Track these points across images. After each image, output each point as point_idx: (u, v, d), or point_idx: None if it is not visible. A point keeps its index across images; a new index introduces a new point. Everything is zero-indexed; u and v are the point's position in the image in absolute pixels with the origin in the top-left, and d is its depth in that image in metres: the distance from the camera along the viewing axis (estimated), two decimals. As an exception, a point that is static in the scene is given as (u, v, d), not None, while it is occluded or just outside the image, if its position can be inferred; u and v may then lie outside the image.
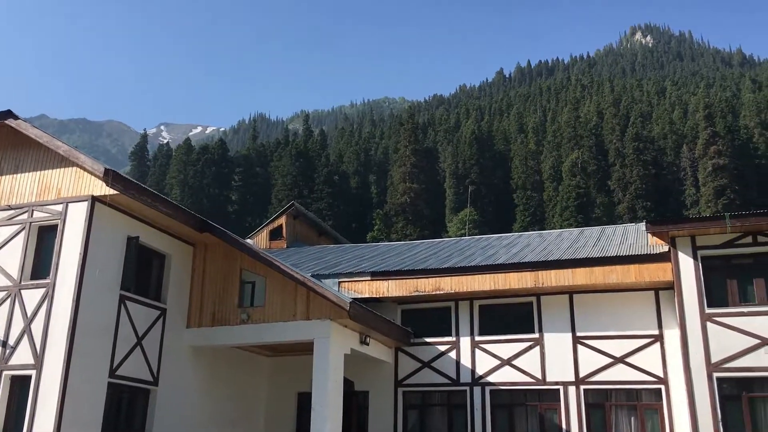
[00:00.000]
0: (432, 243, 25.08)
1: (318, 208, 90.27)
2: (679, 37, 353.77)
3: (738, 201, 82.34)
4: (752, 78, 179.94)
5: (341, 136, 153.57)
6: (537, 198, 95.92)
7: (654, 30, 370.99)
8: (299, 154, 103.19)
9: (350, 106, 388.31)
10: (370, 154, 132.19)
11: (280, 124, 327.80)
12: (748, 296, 14.95)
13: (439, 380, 17.80)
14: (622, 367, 16.33)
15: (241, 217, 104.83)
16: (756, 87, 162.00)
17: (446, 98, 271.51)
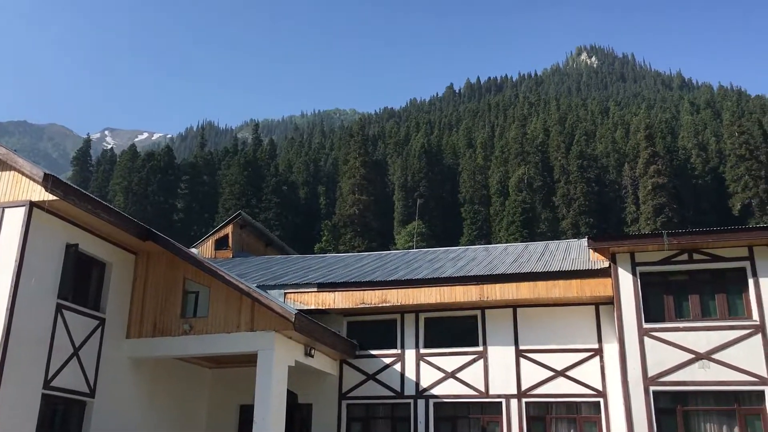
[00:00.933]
0: (379, 255, 25.13)
1: (266, 218, 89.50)
2: (622, 59, 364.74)
3: (675, 219, 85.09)
4: (691, 101, 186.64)
5: (291, 146, 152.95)
6: (484, 212, 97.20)
7: (599, 51, 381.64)
8: (248, 163, 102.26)
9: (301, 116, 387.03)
10: (320, 165, 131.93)
11: (229, 132, 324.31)
12: (684, 312, 15.42)
13: (384, 393, 17.78)
14: (562, 380, 16.61)
15: (186, 225, 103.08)
16: (694, 109, 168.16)
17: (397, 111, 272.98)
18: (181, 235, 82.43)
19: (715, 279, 15.48)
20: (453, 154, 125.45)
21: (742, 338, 14.61)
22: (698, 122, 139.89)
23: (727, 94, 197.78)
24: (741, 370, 14.38)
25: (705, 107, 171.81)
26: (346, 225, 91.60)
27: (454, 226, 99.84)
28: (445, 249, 25.04)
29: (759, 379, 14.22)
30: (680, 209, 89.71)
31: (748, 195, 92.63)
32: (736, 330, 14.73)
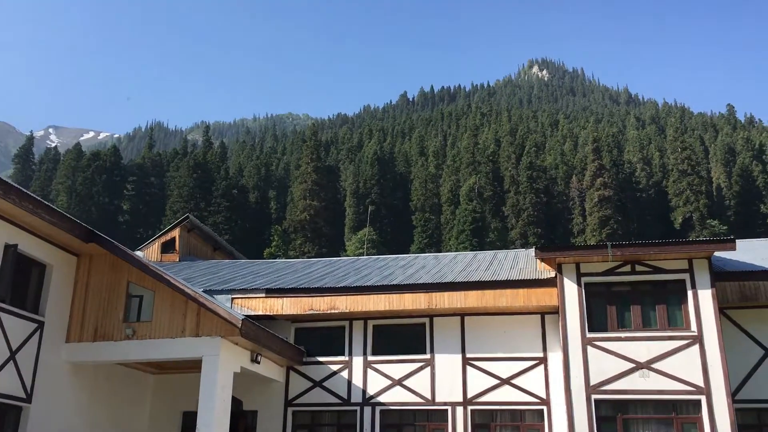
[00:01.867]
0: (329, 261, 25.02)
1: (214, 222, 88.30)
2: (572, 73, 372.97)
3: (620, 231, 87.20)
4: (637, 116, 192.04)
5: (242, 150, 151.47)
6: (435, 220, 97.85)
7: (550, 65, 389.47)
8: (197, 165, 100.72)
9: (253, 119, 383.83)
10: (271, 170, 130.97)
11: (179, 133, 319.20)
12: (626, 322, 15.78)
13: (330, 400, 17.68)
14: (508, 388, 16.80)
15: (132, 228, 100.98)
16: (640, 124, 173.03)
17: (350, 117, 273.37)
18: (127, 238, 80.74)
19: (656, 290, 15.89)
20: (405, 162, 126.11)
21: (681, 348, 15.02)
22: (643, 137, 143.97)
23: (671, 111, 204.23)
24: (679, 379, 14.78)
25: (650, 123, 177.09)
26: (297, 230, 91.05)
27: (404, 233, 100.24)
28: (395, 256, 25.10)
29: (696, 389, 14.64)
30: (625, 221, 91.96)
31: (689, 209, 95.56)
32: (675, 340, 15.13)
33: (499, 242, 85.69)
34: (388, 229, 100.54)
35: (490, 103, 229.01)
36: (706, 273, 15.42)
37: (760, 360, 15.83)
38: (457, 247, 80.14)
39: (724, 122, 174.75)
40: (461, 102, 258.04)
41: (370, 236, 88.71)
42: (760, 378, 15.68)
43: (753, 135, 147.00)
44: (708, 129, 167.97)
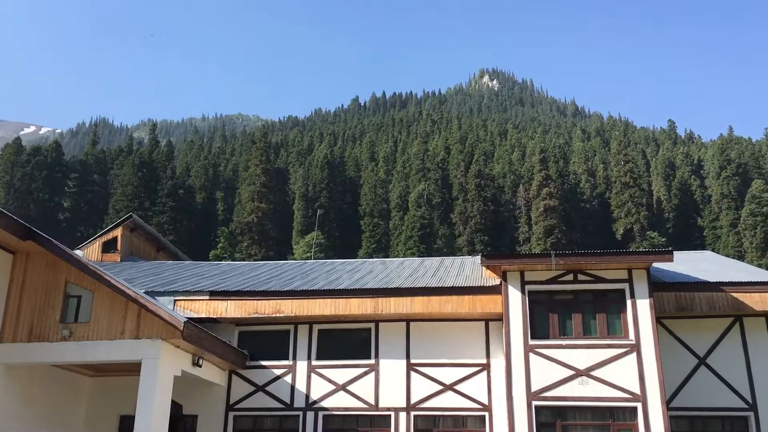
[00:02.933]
0: (276, 265, 24.79)
1: (159, 222, 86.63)
2: (521, 84, 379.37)
3: (564, 240, 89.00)
4: (582, 128, 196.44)
5: (190, 149, 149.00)
6: (383, 226, 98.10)
7: (500, 75, 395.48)
8: (143, 164, 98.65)
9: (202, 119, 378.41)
10: (219, 170, 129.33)
11: (125, 130, 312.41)
12: (567, 330, 16.08)
13: (273, 405, 17.49)
14: (451, 394, 16.91)
15: (72, 226, 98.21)
16: (585, 137, 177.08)
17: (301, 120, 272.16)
18: (67, 236, 78.47)
19: (597, 299, 16.24)
20: (355, 167, 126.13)
21: (619, 356, 15.38)
22: (588, 149, 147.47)
23: (616, 124, 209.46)
24: (617, 387, 15.13)
25: (595, 135, 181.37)
26: (244, 232, 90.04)
27: (353, 238, 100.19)
28: (342, 261, 25.04)
29: (633, 396, 15.01)
30: (569, 231, 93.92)
31: (631, 220, 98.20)
32: (613, 348, 15.49)
33: (446, 249, 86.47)
34: (336, 234, 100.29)
35: (441, 111, 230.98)
36: (644, 283, 15.83)
37: (694, 369, 16.35)
38: (405, 252, 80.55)
39: (665, 137, 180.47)
40: (412, 109, 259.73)
41: (318, 240, 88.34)
42: (693, 386, 16.18)
43: (692, 150, 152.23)
44: (650, 143, 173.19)
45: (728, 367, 16.25)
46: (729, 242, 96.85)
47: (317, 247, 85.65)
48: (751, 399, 15.94)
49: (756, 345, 16.39)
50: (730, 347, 16.43)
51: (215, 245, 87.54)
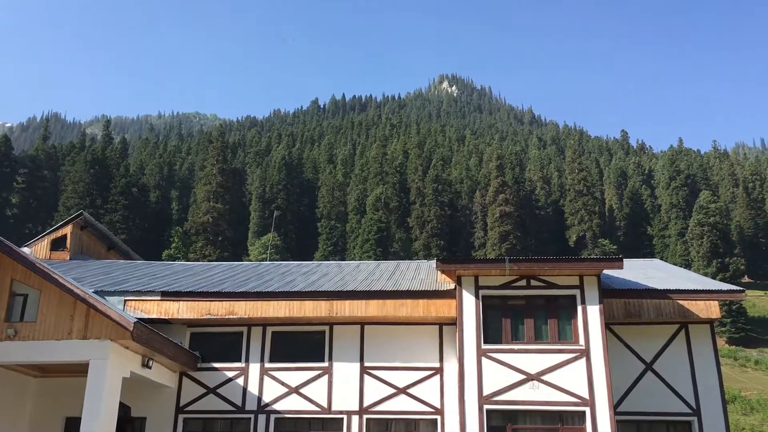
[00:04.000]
0: (230, 266, 24.52)
1: (111, 220, 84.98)
2: (480, 90, 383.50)
3: (519, 246, 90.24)
4: (539, 136, 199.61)
5: (144, 147, 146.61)
6: (340, 228, 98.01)
7: (459, 81, 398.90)
8: (95, 160, 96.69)
9: (158, 116, 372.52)
10: (174, 169, 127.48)
11: (77, 126, 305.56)
12: (519, 335, 16.27)
13: (224, 407, 17.27)
14: (404, 397, 16.95)
15: (20, 223, 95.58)
16: (541, 144, 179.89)
17: (260, 120, 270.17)
18: (14, 233, 76.36)
19: (549, 305, 16.47)
20: (313, 169, 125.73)
21: (569, 361, 15.63)
22: (544, 157, 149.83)
23: (571, 133, 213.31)
24: (566, 391, 15.38)
25: (551, 143, 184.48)
26: (199, 233, 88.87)
27: (309, 240, 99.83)
28: (298, 263, 24.89)
29: (581, 401, 15.27)
30: (524, 237, 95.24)
31: (583, 228, 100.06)
32: (564, 353, 15.73)
33: (403, 252, 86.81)
34: (292, 235, 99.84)
35: (400, 115, 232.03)
36: (595, 290, 16.13)
37: (641, 374, 16.71)
38: (362, 255, 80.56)
39: (618, 147, 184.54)
40: (372, 112, 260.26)
41: (274, 242, 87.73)
42: (640, 391, 16.54)
43: (644, 160, 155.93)
44: (603, 152, 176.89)
45: (673, 372, 16.67)
46: (677, 251, 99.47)
47: (273, 249, 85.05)
48: (694, 404, 16.38)
49: (700, 352, 16.84)
50: (676, 353, 16.85)
51: (168, 245, 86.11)
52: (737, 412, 49.81)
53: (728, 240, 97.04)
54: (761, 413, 51.07)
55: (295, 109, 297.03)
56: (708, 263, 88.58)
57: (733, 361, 67.67)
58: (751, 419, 49.61)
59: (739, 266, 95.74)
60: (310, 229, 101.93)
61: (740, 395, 54.49)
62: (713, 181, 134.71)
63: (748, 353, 73.06)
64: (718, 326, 72.32)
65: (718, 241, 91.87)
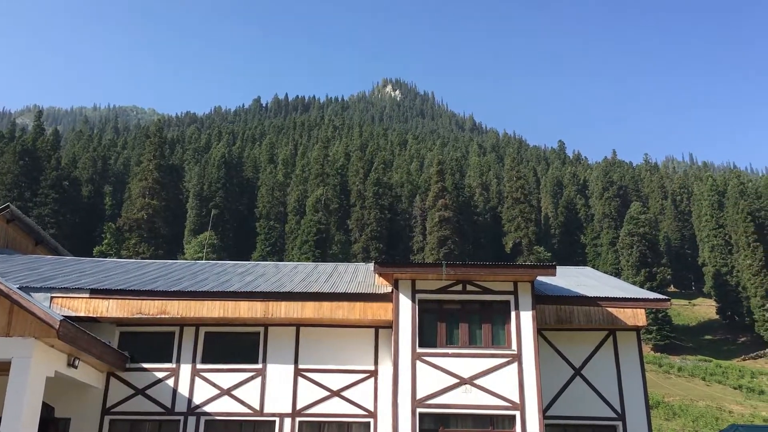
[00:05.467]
0: (164, 264, 23.96)
1: (40, 214, 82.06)
2: (423, 96, 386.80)
3: (456, 251, 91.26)
4: (479, 143, 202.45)
5: (78, 139, 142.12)
6: (279, 229, 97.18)
7: (403, 86, 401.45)
8: (25, 152, 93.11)
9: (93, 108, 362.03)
10: (109, 163, 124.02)
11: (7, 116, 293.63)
12: (454, 339, 16.43)
13: (153, 409, 16.85)
14: (337, 400, 16.90)
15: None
16: (481, 151, 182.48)
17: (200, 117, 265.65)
18: (-66, 224, 72.79)
19: (484, 309, 16.69)
20: (253, 168, 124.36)
21: (501, 366, 15.88)
22: (484, 164, 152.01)
23: (510, 141, 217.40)
24: (498, 395, 15.62)
25: (491, 151, 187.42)
26: (132, 229, 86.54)
27: (247, 240, 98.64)
28: (234, 263, 24.52)
29: (512, 404, 15.53)
30: (462, 242, 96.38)
31: (520, 235, 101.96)
32: (496, 358, 15.98)
33: (341, 255, 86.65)
34: (230, 235, 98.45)
35: (343, 117, 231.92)
36: (528, 296, 16.45)
37: (570, 379, 17.13)
38: (300, 257, 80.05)
39: (555, 156, 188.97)
40: (315, 113, 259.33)
41: (210, 240, 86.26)
42: (568, 396, 16.95)
43: (579, 171, 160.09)
44: (541, 161, 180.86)
45: (601, 378, 17.13)
46: (608, 259, 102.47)
47: (209, 248, 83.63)
48: (620, 409, 16.87)
49: (626, 358, 17.37)
50: (604, 359, 17.33)
51: (100, 241, 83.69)
52: (660, 418, 51.63)
53: (656, 250, 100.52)
54: (683, 418, 53.09)
55: (237, 107, 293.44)
56: (637, 272, 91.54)
57: (657, 367, 70.13)
58: (673, 424, 51.50)
59: (666, 276, 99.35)
60: (249, 229, 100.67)
61: (663, 401, 56.51)
62: (644, 193, 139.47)
63: (672, 360, 75.84)
64: (644, 333, 74.85)
65: (646, 251, 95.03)
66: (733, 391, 65.75)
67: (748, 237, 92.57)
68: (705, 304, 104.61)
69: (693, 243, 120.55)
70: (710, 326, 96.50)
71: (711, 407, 57.12)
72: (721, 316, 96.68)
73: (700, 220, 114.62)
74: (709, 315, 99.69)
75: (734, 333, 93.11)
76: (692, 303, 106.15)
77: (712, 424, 50.58)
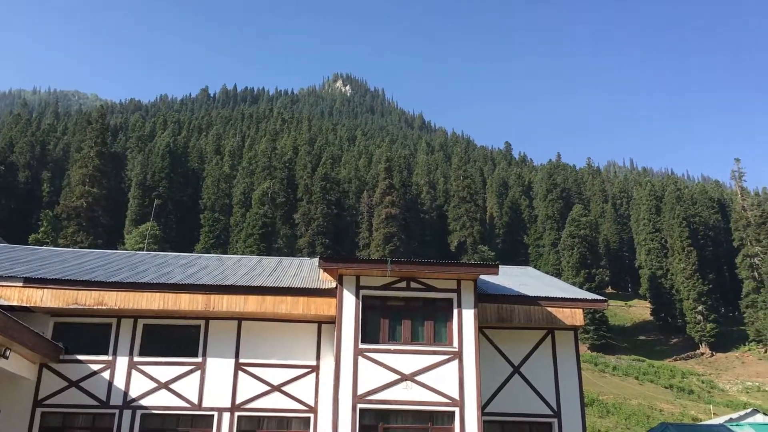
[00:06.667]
0: (103, 254, 23.38)
1: (-27, 199, 78.86)
2: (374, 92, 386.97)
3: (402, 249, 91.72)
4: (428, 142, 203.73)
5: (15, 123, 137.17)
6: (224, 221, 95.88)
7: (353, 81, 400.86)
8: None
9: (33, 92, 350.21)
10: (48, 149, 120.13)
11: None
12: (397, 335, 16.51)
13: (87, 401, 16.43)
14: (278, 395, 16.79)
15: None
16: (429, 150, 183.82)
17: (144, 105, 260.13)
18: None
19: (427, 307, 16.81)
20: (199, 159, 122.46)
21: (443, 363, 16.03)
22: (431, 162, 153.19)
23: (458, 141, 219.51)
24: (438, 392, 15.76)
25: (439, 149, 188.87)
26: (71, 217, 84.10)
27: (191, 232, 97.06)
28: (176, 254, 24.09)
29: (452, 401, 15.70)
30: (408, 240, 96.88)
31: (465, 234, 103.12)
32: (438, 355, 16.12)
33: (287, 249, 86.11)
34: (173, 226, 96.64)
35: (292, 111, 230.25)
36: (471, 294, 16.64)
37: (509, 376, 17.42)
38: (245, 250, 79.19)
39: (501, 157, 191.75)
40: (263, 105, 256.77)
41: (152, 231, 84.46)
42: (507, 393, 17.23)
43: (524, 172, 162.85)
44: (488, 162, 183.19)
45: (539, 376, 17.48)
46: (549, 260, 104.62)
47: (151, 239, 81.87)
48: (556, 406, 17.25)
49: (564, 357, 17.77)
50: (542, 357, 17.69)
51: (36, 229, 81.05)
52: (594, 415, 53.03)
53: (596, 252, 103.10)
54: (616, 416, 54.66)
55: (184, 96, 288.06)
56: (576, 273, 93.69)
57: (593, 366, 72.00)
58: (606, 422, 52.97)
59: (604, 277, 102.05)
60: (193, 221, 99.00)
61: (598, 399, 58.06)
62: (586, 196, 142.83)
63: (608, 359, 77.98)
64: (582, 333, 76.76)
65: (586, 252, 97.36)
66: (664, 390, 68.08)
67: (683, 242, 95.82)
68: (640, 305, 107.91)
69: (631, 246, 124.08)
70: (645, 327, 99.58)
71: (643, 406, 59.00)
72: (655, 318, 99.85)
73: (638, 224, 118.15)
74: (644, 316, 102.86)
75: (667, 334, 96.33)
76: (628, 304, 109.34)
77: (643, 423, 52.25)
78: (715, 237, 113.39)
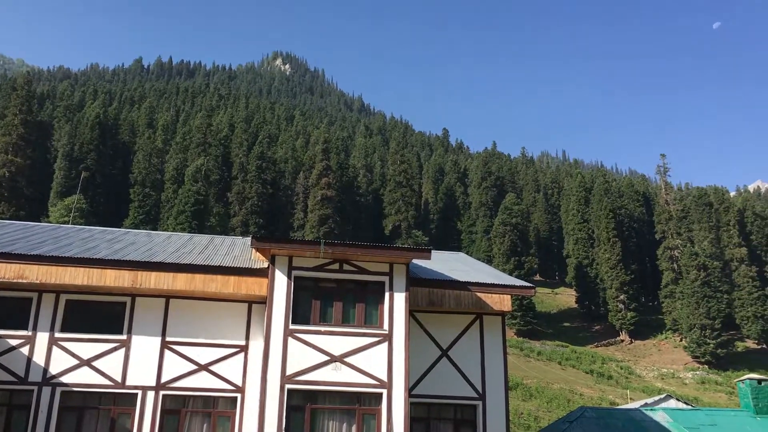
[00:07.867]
0: (25, 225, 22.49)
1: None
2: (314, 72, 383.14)
3: (337, 231, 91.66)
4: (366, 125, 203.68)
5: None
6: (155, 197, 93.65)
7: (293, 60, 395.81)
8: None
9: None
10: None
11: None
12: (328, 317, 16.52)
13: (4, 377, 15.83)
14: (205, 374, 16.59)
15: None
16: (368, 133, 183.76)
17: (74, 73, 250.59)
18: None
19: (359, 289, 16.87)
20: (131, 132, 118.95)
21: (372, 345, 16.15)
22: (369, 145, 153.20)
23: (397, 125, 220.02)
24: (367, 373, 15.88)
25: (377, 133, 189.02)
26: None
27: (120, 206, 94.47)
28: (102, 229, 23.39)
29: (380, 383, 15.85)
30: (343, 222, 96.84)
31: (400, 218, 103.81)
32: (368, 337, 16.23)
33: (219, 227, 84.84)
34: (101, 200, 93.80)
35: (230, 87, 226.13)
36: (403, 278, 16.79)
37: (437, 360, 17.70)
38: (176, 227, 77.58)
39: (438, 144, 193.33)
40: (200, 80, 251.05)
41: (79, 204, 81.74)
42: (434, 375, 17.51)
43: (460, 159, 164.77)
44: (425, 147, 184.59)
45: (466, 359, 17.81)
46: (481, 246, 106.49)
47: (77, 212, 79.25)
48: (481, 389, 17.64)
49: (490, 341, 18.15)
50: (469, 342, 18.02)
51: (-46, 198, 77.26)
52: (518, 398, 54.58)
53: (526, 240, 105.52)
54: (538, 399, 56.40)
55: (116, 66, 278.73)
56: (507, 260, 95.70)
57: (519, 351, 73.99)
58: (529, 405, 54.59)
59: (533, 265, 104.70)
60: (122, 195, 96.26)
61: (522, 383, 59.76)
62: (519, 185, 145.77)
63: (533, 345, 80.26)
64: (509, 319, 78.63)
65: (517, 240, 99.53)
66: (585, 375, 70.60)
67: (609, 232, 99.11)
68: (566, 293, 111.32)
69: (560, 235, 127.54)
70: (569, 314, 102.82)
71: (564, 390, 61.06)
72: (580, 306, 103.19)
73: (567, 214, 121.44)
74: (569, 304, 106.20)
75: (590, 321, 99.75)
76: (555, 292, 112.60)
77: (564, 406, 54.11)
78: (639, 229, 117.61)
